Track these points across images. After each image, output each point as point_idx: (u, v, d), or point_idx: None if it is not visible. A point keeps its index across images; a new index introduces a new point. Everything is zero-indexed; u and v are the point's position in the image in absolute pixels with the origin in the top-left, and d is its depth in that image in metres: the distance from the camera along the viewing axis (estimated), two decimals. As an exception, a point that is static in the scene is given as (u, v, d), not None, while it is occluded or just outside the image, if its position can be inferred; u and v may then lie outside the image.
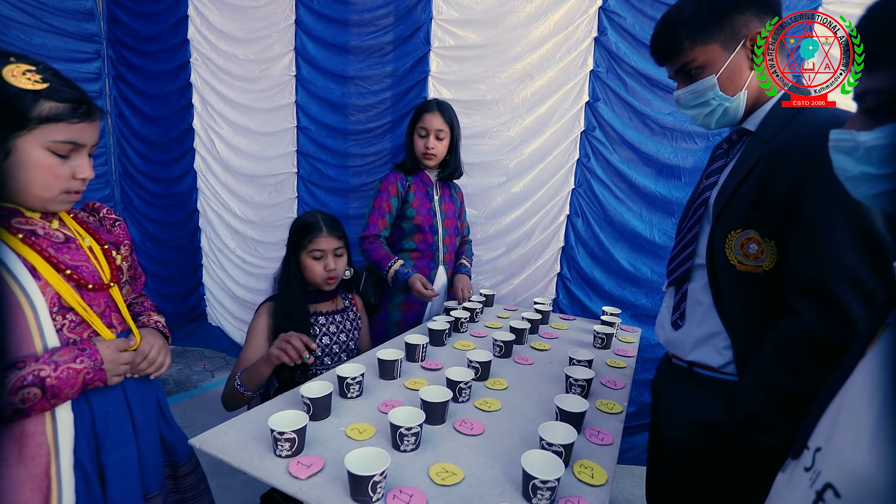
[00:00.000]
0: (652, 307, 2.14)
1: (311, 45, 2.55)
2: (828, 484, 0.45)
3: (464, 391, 1.12)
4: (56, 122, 0.76)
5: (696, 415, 0.96)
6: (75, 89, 0.80)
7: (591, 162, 2.18)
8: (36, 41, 2.73)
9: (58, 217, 0.88)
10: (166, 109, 3.04)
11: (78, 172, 0.82)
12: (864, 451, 0.42)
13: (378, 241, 1.75)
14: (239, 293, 2.99)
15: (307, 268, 1.43)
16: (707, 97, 0.93)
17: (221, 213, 2.98)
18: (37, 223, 0.83)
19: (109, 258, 0.94)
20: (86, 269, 0.87)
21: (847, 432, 0.46)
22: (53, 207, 0.84)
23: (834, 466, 0.46)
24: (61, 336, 0.82)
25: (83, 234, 0.91)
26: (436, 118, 1.78)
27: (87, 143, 0.83)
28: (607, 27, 2.06)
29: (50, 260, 0.81)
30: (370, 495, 0.75)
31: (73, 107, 0.78)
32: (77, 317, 0.84)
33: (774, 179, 0.83)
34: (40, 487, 0.77)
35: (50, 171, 0.78)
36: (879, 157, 0.49)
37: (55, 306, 0.81)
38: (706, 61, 0.91)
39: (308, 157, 2.67)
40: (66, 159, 0.80)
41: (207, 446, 0.90)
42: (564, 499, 0.79)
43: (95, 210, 1.01)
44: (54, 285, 0.81)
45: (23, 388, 0.73)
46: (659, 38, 0.97)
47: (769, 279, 0.86)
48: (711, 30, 0.89)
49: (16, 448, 0.76)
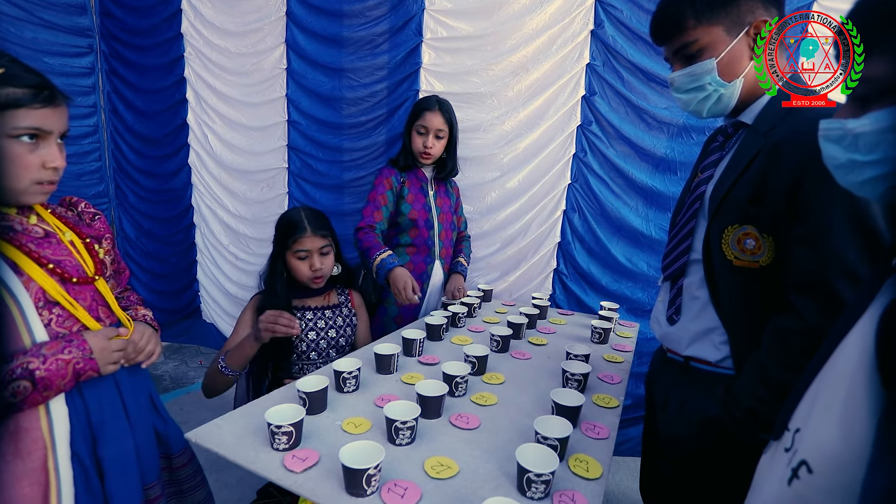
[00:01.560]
0: (648, 301, 2.14)
1: (301, 38, 2.52)
2: (802, 461, 0.46)
3: (460, 385, 1.12)
4: (17, 109, 0.74)
5: (694, 411, 0.96)
6: (35, 74, 0.78)
7: (587, 157, 2.17)
8: (27, 35, 2.70)
9: (34, 212, 0.87)
10: (160, 104, 3.01)
11: (48, 161, 0.80)
12: (835, 428, 0.43)
13: (372, 232, 1.70)
14: (232, 290, 2.98)
15: (293, 267, 1.42)
16: (703, 81, 0.92)
17: (215, 209, 2.96)
18: (13, 219, 0.82)
19: (92, 252, 0.93)
20: (69, 262, 0.86)
21: (822, 412, 0.47)
22: (27, 200, 0.82)
23: (809, 446, 0.47)
24: (49, 331, 0.81)
25: (63, 229, 0.90)
26: (437, 117, 1.76)
27: (54, 130, 0.81)
28: (604, 20, 2.05)
29: (31, 255, 0.80)
30: (364, 488, 0.75)
31: (34, 92, 0.76)
32: (64, 311, 0.84)
33: (774, 174, 0.82)
34: (39, 481, 0.77)
35: (17, 160, 0.76)
36: (866, 144, 0.49)
37: (40, 301, 0.80)
38: (708, 43, 0.90)
39: (299, 152, 2.65)
40: (34, 148, 0.78)
41: (203, 440, 0.89)
42: (559, 492, 0.79)
43: (73, 205, 0.99)
44: (38, 280, 0.80)
45: (13, 381, 0.73)
46: (662, 16, 0.95)
47: (766, 274, 0.86)
48: (719, 10, 0.88)
49: (11, 443, 0.76)
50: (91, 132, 3.13)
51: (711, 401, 0.92)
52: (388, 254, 1.62)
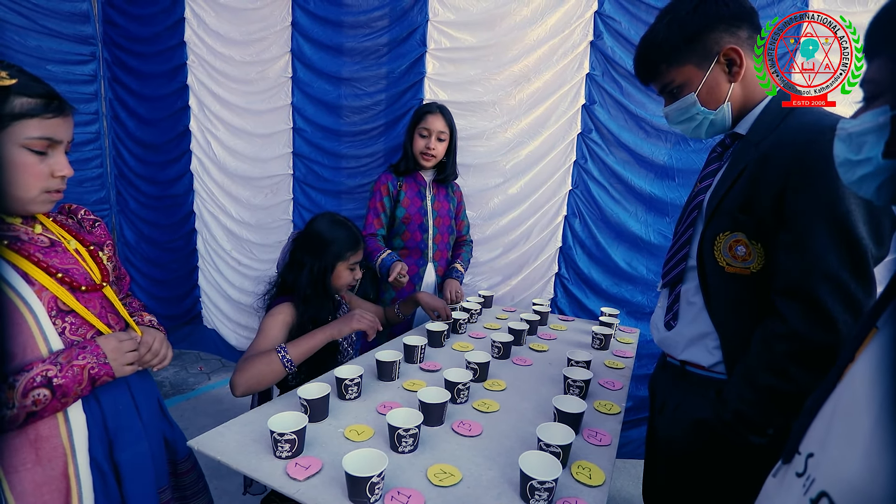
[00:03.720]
0: (648, 304, 2.17)
1: (307, 47, 2.55)
2: (823, 492, 0.45)
3: (462, 392, 1.12)
4: (30, 119, 0.75)
5: (688, 414, 0.98)
6: (44, 85, 0.79)
7: (587, 163, 2.20)
8: (31, 43, 2.72)
9: (39, 221, 0.88)
10: (162, 111, 3.03)
11: (56, 170, 0.80)
12: (860, 460, 0.42)
13: (374, 239, 1.84)
14: (234, 296, 2.98)
15: (339, 275, 1.40)
16: (691, 112, 0.97)
17: (217, 216, 2.97)
18: (19, 229, 0.82)
19: (97, 259, 0.93)
20: (76, 271, 0.87)
21: (842, 440, 0.45)
22: (35, 209, 0.83)
23: (829, 475, 0.45)
24: (64, 339, 0.82)
25: (67, 238, 0.91)
26: (438, 120, 1.85)
27: (63, 140, 0.81)
28: (603, 31, 2.08)
29: (40, 264, 0.81)
30: (368, 496, 0.75)
31: (45, 102, 0.77)
32: (77, 318, 0.84)
33: (762, 183, 0.85)
34: (59, 489, 0.79)
35: (28, 169, 0.77)
36: (857, 144, 0.52)
37: (53, 310, 0.81)
38: (684, 81, 0.95)
39: (304, 159, 2.67)
40: (43, 157, 0.79)
41: (206, 448, 0.90)
42: (562, 499, 0.79)
43: (73, 212, 1.00)
44: (50, 289, 0.80)
45: (33, 389, 0.74)
46: (638, 62, 1.01)
47: (757, 281, 0.88)
48: (684, 51, 0.92)
49: (32, 451, 0.77)
50: (93, 139, 3.14)
51: (704, 404, 0.93)
52: (387, 253, 1.79)
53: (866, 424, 0.42)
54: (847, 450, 0.44)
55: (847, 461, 0.43)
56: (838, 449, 0.45)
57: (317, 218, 1.44)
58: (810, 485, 0.47)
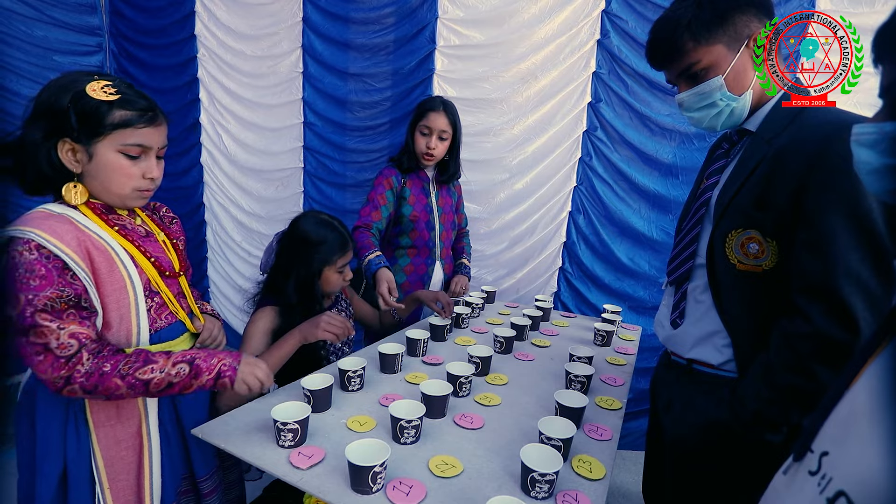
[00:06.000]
0: (650, 299, 2.20)
1: (318, 43, 2.57)
2: (840, 492, 0.44)
3: (464, 385, 1.13)
4: (125, 128, 0.87)
5: (698, 413, 0.97)
6: (145, 99, 0.91)
7: (592, 161, 2.22)
8: (38, 33, 2.71)
9: (137, 214, 1.02)
10: (171, 104, 3.04)
11: (147, 172, 0.93)
12: (881, 461, 0.41)
13: (367, 232, 1.66)
14: (245, 286, 3.01)
15: (327, 280, 1.36)
16: (714, 98, 0.93)
17: (228, 207, 3.00)
18: (125, 219, 0.97)
19: (178, 251, 1.08)
20: (164, 258, 1.01)
21: (861, 439, 0.44)
22: (130, 204, 0.95)
23: (847, 475, 0.44)
24: (150, 316, 0.94)
25: (157, 230, 1.05)
26: (441, 118, 1.71)
27: (154, 146, 0.93)
28: (610, 30, 2.09)
29: (140, 249, 0.95)
30: (370, 486, 0.76)
31: (140, 113, 0.89)
32: (160, 299, 0.97)
33: (778, 180, 0.83)
34: (134, 445, 0.92)
35: (123, 171, 0.90)
36: None
37: (146, 290, 0.94)
38: (712, 62, 0.90)
39: (314, 153, 2.70)
40: (136, 161, 0.91)
41: (210, 436, 0.91)
42: (563, 492, 0.80)
43: (156, 209, 1.14)
44: (147, 272, 0.94)
45: (180, 363, 0.87)
46: (658, 41, 0.95)
47: (769, 278, 0.87)
48: (716, 29, 0.89)
49: (114, 410, 0.90)
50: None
51: (715, 403, 0.93)
52: (375, 255, 1.59)
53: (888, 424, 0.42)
54: (867, 449, 0.43)
55: (867, 461, 0.42)
56: (857, 449, 0.44)
57: (302, 218, 1.39)
58: (826, 484, 0.46)
